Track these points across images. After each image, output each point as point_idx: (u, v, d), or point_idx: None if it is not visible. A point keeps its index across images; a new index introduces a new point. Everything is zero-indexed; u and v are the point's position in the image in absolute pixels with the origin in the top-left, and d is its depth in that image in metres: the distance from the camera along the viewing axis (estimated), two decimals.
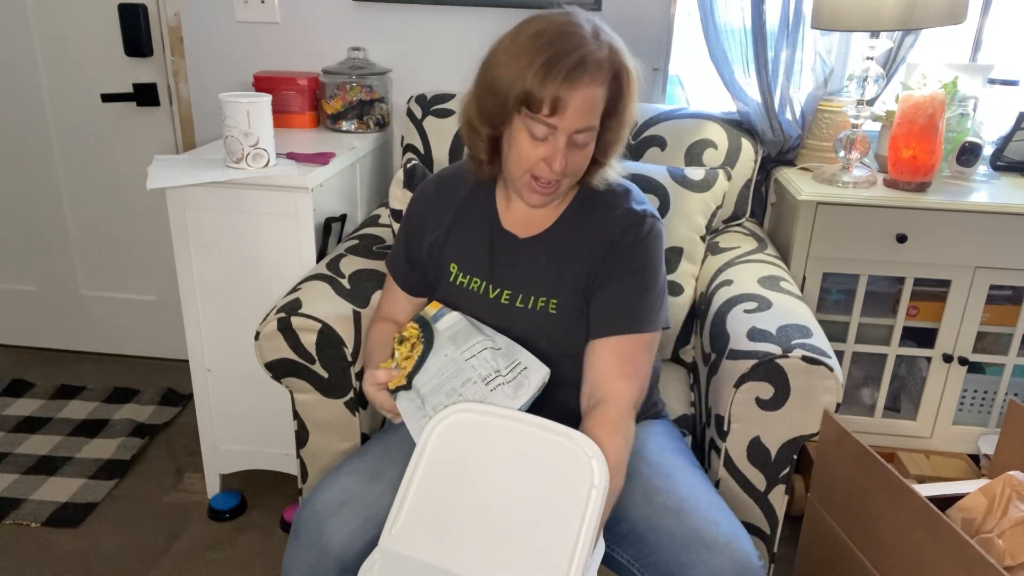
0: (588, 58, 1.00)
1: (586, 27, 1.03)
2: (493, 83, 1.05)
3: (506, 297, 1.18)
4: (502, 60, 1.04)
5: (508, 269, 1.19)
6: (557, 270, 1.17)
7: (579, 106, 1.01)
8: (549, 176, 1.07)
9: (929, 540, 1.10)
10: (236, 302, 1.67)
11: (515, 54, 1.02)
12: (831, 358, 1.28)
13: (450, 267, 1.22)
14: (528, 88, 1.00)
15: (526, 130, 1.05)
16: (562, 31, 1.02)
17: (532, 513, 0.93)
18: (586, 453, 0.95)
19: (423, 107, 1.88)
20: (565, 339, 1.17)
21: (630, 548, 1.08)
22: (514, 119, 1.05)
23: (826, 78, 1.82)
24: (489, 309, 1.18)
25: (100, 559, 1.69)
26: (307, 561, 1.05)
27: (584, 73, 1.00)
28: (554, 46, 1.00)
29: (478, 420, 1.02)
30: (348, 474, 1.12)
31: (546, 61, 0.99)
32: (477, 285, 1.19)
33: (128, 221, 2.37)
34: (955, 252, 1.69)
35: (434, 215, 1.24)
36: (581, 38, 1.01)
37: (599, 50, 1.02)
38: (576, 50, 1.00)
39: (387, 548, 0.92)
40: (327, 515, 1.05)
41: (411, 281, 1.29)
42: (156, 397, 2.29)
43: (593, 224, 1.17)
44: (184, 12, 2.10)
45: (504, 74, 1.03)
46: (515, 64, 1.01)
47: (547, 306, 1.16)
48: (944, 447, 1.86)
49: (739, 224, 1.85)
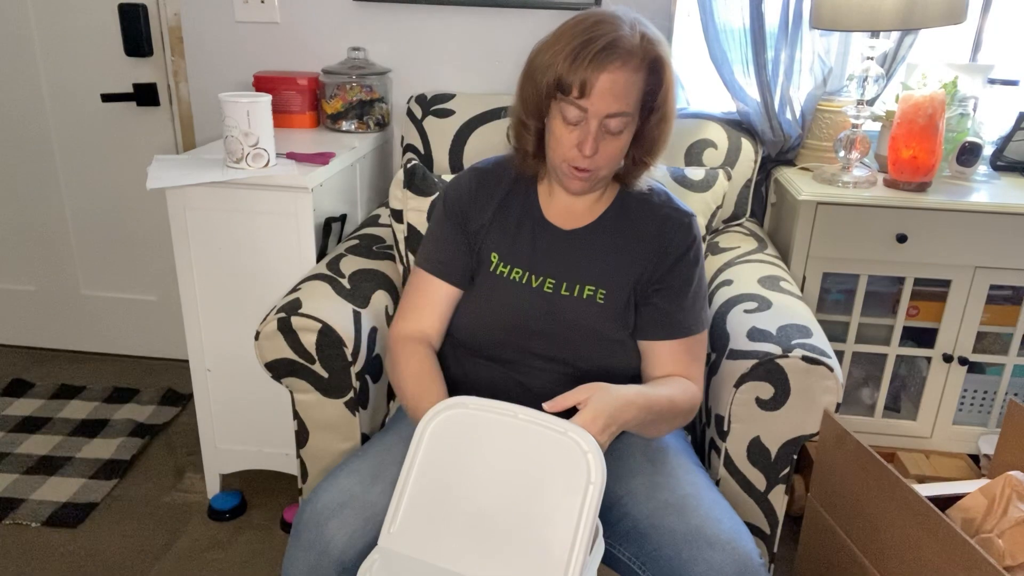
0: (618, 42, 1.02)
1: (624, 18, 1.06)
2: (531, 71, 1.10)
3: (549, 286, 1.18)
4: (540, 49, 1.09)
5: (551, 259, 1.20)
6: (605, 262, 1.19)
7: (608, 89, 1.03)
8: (582, 162, 1.08)
9: (929, 540, 1.10)
10: (236, 302, 1.67)
11: (551, 42, 1.07)
12: (831, 358, 1.28)
13: (491, 256, 1.21)
14: (559, 71, 1.04)
15: (560, 115, 1.07)
16: (598, 20, 1.05)
17: (529, 510, 0.92)
18: (582, 448, 0.94)
19: (423, 107, 1.88)
20: (612, 328, 1.18)
21: (631, 546, 1.08)
22: (552, 106, 1.08)
23: (825, 77, 1.82)
24: (531, 298, 1.19)
25: (100, 559, 1.69)
26: (307, 562, 1.04)
27: (613, 56, 1.02)
28: (587, 32, 1.03)
29: (472, 415, 1.00)
30: (348, 475, 1.11)
31: (576, 46, 1.02)
32: (519, 275, 1.20)
33: (128, 221, 2.37)
34: (955, 252, 1.69)
35: (475, 206, 1.23)
36: (615, 26, 1.04)
37: (631, 36, 1.04)
38: (607, 35, 1.02)
39: (386, 547, 0.91)
40: (327, 516, 1.05)
41: (457, 268, 1.23)
42: (156, 397, 2.28)
43: (639, 223, 1.20)
44: (184, 12, 2.10)
45: (540, 61, 1.07)
46: (550, 50, 1.06)
47: (595, 295, 1.18)
48: (944, 447, 1.86)
49: (739, 224, 1.85)
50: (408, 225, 1.55)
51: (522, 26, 2.01)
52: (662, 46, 1.07)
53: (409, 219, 1.54)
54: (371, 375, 1.44)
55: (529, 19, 2.00)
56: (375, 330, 1.46)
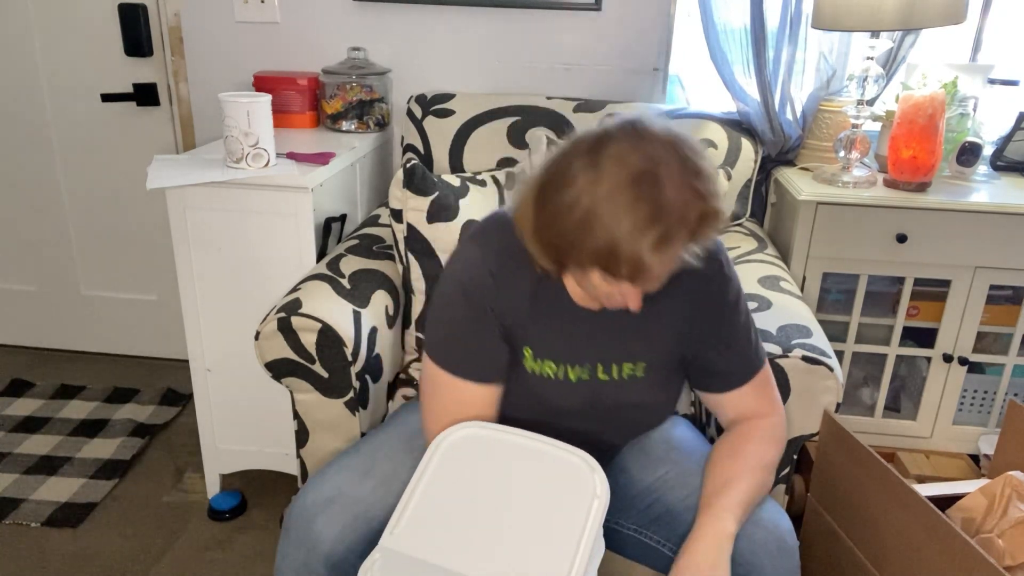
0: (671, 227, 0.86)
1: (667, 170, 0.86)
2: (559, 236, 0.91)
3: (587, 374, 1.10)
4: (573, 216, 0.88)
5: (585, 345, 1.10)
6: (643, 334, 1.10)
7: (659, 267, 0.89)
8: (622, 307, 0.99)
9: (929, 540, 1.10)
10: (236, 302, 1.67)
11: (586, 217, 0.87)
12: (831, 358, 1.28)
13: (524, 351, 1.10)
14: (603, 257, 0.88)
15: (598, 274, 0.93)
16: (642, 193, 0.85)
17: (534, 519, 0.94)
18: (589, 466, 0.98)
19: (423, 107, 1.88)
20: (655, 397, 1.14)
21: (663, 529, 1.11)
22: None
23: (828, 78, 1.82)
24: (568, 392, 1.11)
25: (100, 559, 1.69)
26: (297, 558, 1.05)
27: (667, 244, 0.87)
28: (633, 213, 0.85)
29: (484, 435, 1.04)
30: (339, 471, 1.12)
31: (628, 233, 0.85)
32: (552, 370, 1.10)
33: (128, 221, 2.37)
34: (955, 252, 1.69)
35: (506, 300, 1.07)
36: (662, 197, 0.85)
37: (684, 208, 0.86)
38: (659, 218, 0.85)
39: (388, 547, 0.92)
40: (316, 512, 1.06)
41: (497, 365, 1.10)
42: (156, 397, 2.28)
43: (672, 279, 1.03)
44: (184, 12, 2.10)
45: (577, 235, 0.88)
46: (589, 225, 0.87)
47: (635, 371, 1.11)
48: (944, 447, 1.86)
49: (739, 224, 1.85)
50: (408, 225, 1.55)
51: (522, 26, 2.01)
52: (714, 196, 0.89)
53: (409, 219, 1.54)
54: (371, 375, 1.44)
55: (529, 19, 2.00)
56: (375, 330, 1.46)
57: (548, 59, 2.04)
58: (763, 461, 1.09)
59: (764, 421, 1.13)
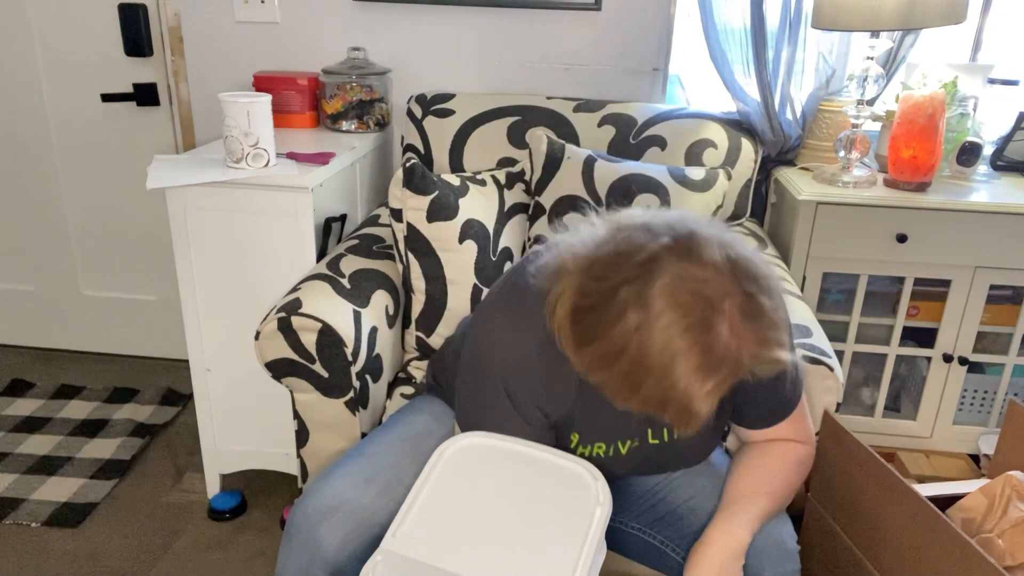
0: (726, 378, 0.80)
1: (729, 312, 0.78)
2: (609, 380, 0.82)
3: (637, 442, 1.09)
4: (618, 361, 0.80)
5: (635, 418, 1.06)
6: None
7: (708, 413, 0.82)
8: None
9: (929, 540, 1.10)
10: (236, 302, 1.67)
11: (637, 365, 0.79)
12: (831, 358, 1.28)
13: (571, 437, 1.09)
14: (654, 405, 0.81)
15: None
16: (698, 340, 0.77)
17: (537, 525, 0.94)
18: (592, 475, 1.00)
19: (423, 107, 1.88)
20: (704, 448, 1.13)
21: (666, 529, 1.11)
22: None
23: (828, 78, 1.82)
24: (619, 464, 1.11)
25: (100, 559, 1.69)
26: (299, 564, 1.04)
27: (719, 391, 0.80)
28: (687, 361, 0.77)
29: (489, 444, 1.05)
30: (342, 476, 1.11)
31: (678, 385, 0.78)
32: (602, 450, 1.09)
33: (128, 221, 2.37)
34: (955, 252, 1.69)
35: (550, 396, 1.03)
36: (719, 343, 0.78)
37: (740, 357, 0.79)
38: (714, 370, 0.78)
39: (389, 549, 0.92)
40: (319, 519, 1.05)
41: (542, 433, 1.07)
42: (156, 397, 2.28)
43: None
44: (184, 12, 2.10)
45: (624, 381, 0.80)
46: (640, 378, 0.79)
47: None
48: (944, 447, 1.86)
49: (739, 224, 1.85)
50: (408, 224, 1.55)
51: (522, 26, 2.01)
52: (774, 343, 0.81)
53: (409, 218, 1.54)
54: (371, 375, 1.44)
55: (529, 19, 2.00)
56: (375, 330, 1.46)
57: (548, 59, 2.04)
58: (788, 487, 1.09)
59: (800, 448, 1.13)
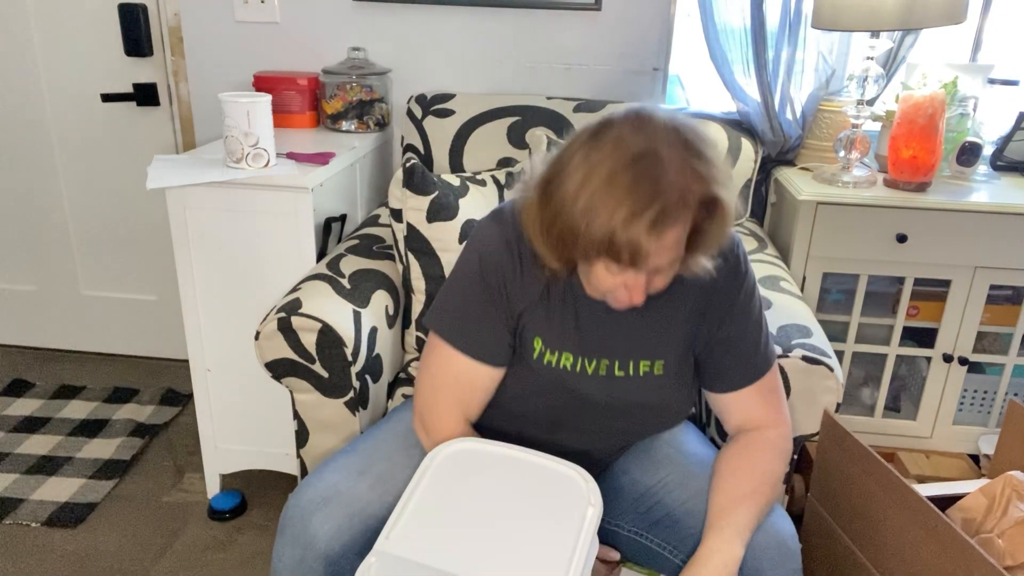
0: (670, 206, 0.86)
1: (667, 152, 0.87)
2: (567, 229, 0.91)
3: (604, 368, 1.10)
4: (575, 207, 0.89)
5: (600, 339, 1.10)
6: (659, 330, 1.10)
7: (660, 251, 0.89)
8: (627, 303, 0.98)
9: (929, 540, 1.10)
10: (236, 302, 1.67)
11: (589, 202, 0.88)
12: (831, 358, 1.28)
13: (534, 342, 1.10)
14: (605, 243, 0.88)
15: (603, 266, 0.94)
16: (640, 171, 0.86)
17: (530, 526, 0.95)
18: (583, 478, 1.00)
19: (423, 107, 1.88)
20: (674, 398, 1.14)
21: (663, 532, 1.11)
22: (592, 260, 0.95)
23: (828, 78, 1.82)
24: (586, 384, 1.10)
25: (100, 559, 1.69)
26: (293, 556, 1.05)
27: (666, 224, 0.86)
28: (632, 194, 0.85)
29: (481, 449, 1.05)
30: (335, 470, 1.12)
31: (626, 218, 0.85)
32: (568, 361, 1.10)
33: (128, 221, 2.37)
34: (955, 252, 1.69)
35: (521, 284, 1.08)
36: (662, 178, 0.85)
37: (683, 188, 0.86)
38: (657, 197, 0.85)
39: (383, 551, 0.92)
40: (312, 510, 1.06)
41: (502, 350, 1.11)
42: (156, 397, 2.28)
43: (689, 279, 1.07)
44: (184, 12, 2.10)
45: (578, 224, 0.89)
46: (589, 215, 0.88)
47: (652, 369, 1.10)
48: (944, 447, 1.86)
49: (739, 224, 1.85)
50: (408, 224, 1.55)
51: (522, 26, 2.01)
52: (715, 182, 0.89)
53: (409, 218, 1.54)
54: (371, 375, 1.44)
55: (529, 19, 2.00)
56: (375, 330, 1.46)
57: (548, 59, 2.04)
58: (771, 479, 1.08)
59: (770, 432, 1.12)
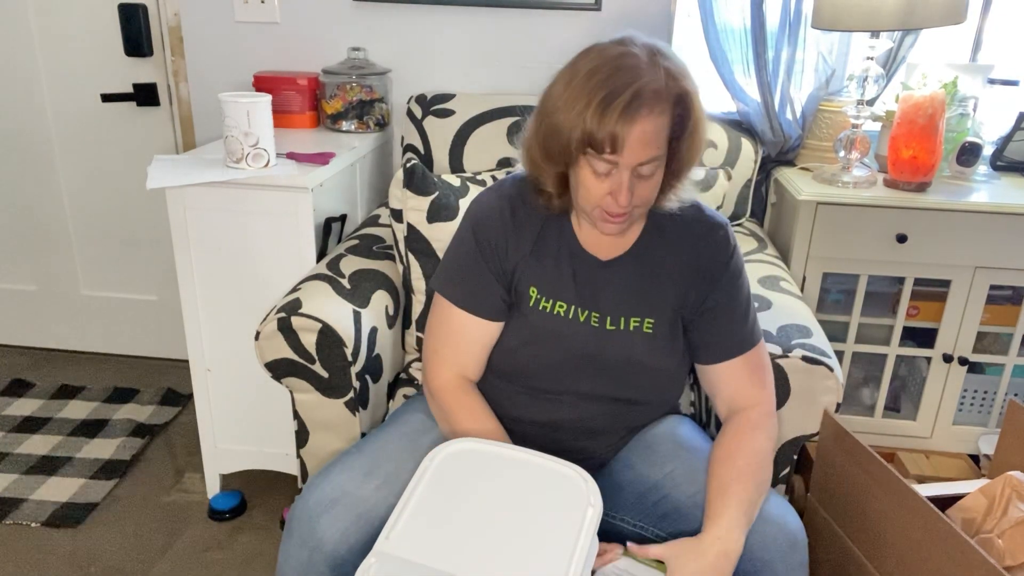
0: (643, 91, 0.97)
1: (641, 54, 0.99)
2: (554, 127, 1.03)
3: (595, 320, 1.15)
4: (559, 104, 1.02)
5: (593, 292, 1.16)
6: (649, 289, 1.15)
7: (638, 140, 0.98)
8: (616, 210, 1.04)
9: (929, 540, 1.10)
10: (236, 302, 1.67)
11: (571, 97, 1.00)
12: (831, 358, 1.28)
13: (530, 291, 1.16)
14: (587, 130, 0.98)
15: (589, 167, 1.03)
16: (615, 65, 0.98)
17: (530, 526, 0.95)
18: (583, 479, 1.01)
19: (423, 107, 1.88)
20: (661, 359, 1.16)
21: (671, 526, 1.11)
22: (579, 158, 1.04)
23: (828, 79, 1.82)
24: (579, 333, 1.15)
25: (100, 559, 1.69)
26: (300, 558, 1.05)
27: (640, 108, 0.97)
28: (608, 83, 0.97)
29: (481, 449, 1.06)
30: (342, 471, 1.12)
31: (600, 101, 0.97)
32: (563, 309, 1.15)
33: (128, 221, 2.37)
34: (955, 252, 1.69)
35: (513, 238, 1.16)
36: (635, 69, 0.98)
37: (655, 79, 0.98)
38: (630, 84, 0.97)
39: (383, 551, 0.92)
40: (320, 512, 1.06)
41: (496, 304, 1.17)
42: (156, 397, 2.28)
43: (675, 242, 1.16)
44: (184, 12, 2.10)
45: (563, 119, 1.01)
46: (572, 108, 1.00)
47: (642, 325, 1.15)
48: (944, 447, 1.86)
49: (739, 224, 1.85)
50: (408, 225, 1.55)
51: (522, 26, 2.01)
52: (687, 78, 1.02)
53: (409, 219, 1.54)
54: (371, 375, 1.44)
55: (529, 19, 2.00)
56: (375, 330, 1.46)
57: (548, 59, 2.04)
58: (759, 457, 1.10)
59: (754, 412, 1.15)
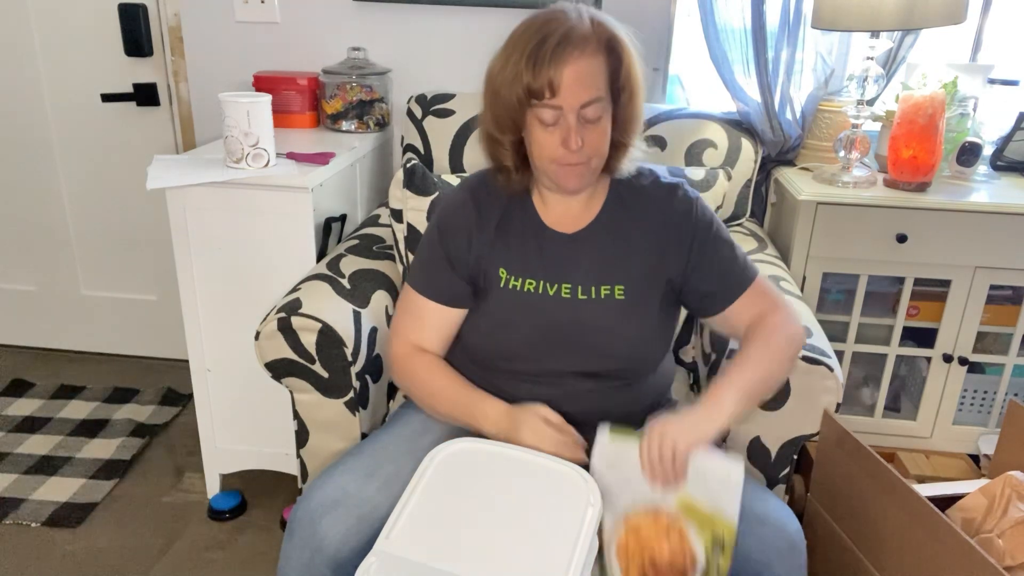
0: (570, 33, 1.03)
1: (571, 11, 1.07)
2: (496, 88, 1.09)
3: (566, 291, 1.17)
4: (498, 69, 1.08)
5: (561, 265, 1.18)
6: (617, 257, 1.18)
7: (574, 80, 1.03)
8: (571, 158, 1.07)
9: (929, 540, 1.10)
10: (236, 302, 1.67)
11: (506, 58, 1.07)
12: (831, 358, 1.28)
13: (499, 272, 1.19)
14: (525, 80, 1.04)
15: (537, 121, 1.07)
16: (545, 19, 1.06)
17: (530, 526, 0.95)
18: (583, 478, 1.01)
19: (423, 107, 1.88)
20: (636, 325, 1.18)
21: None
22: (527, 115, 1.08)
23: (827, 78, 1.82)
24: (552, 306, 1.17)
25: (100, 559, 1.69)
26: (301, 559, 1.05)
27: (568, 47, 1.03)
28: (539, 33, 1.04)
29: (480, 448, 1.06)
30: (343, 472, 1.12)
31: (532, 50, 1.03)
32: (533, 285, 1.18)
33: (128, 221, 2.37)
34: (955, 252, 1.69)
35: (476, 224, 1.20)
36: (563, 19, 1.05)
37: (581, 25, 1.05)
38: (558, 29, 1.04)
39: (383, 551, 0.92)
40: (321, 513, 1.06)
41: (454, 292, 1.22)
42: (156, 397, 2.29)
43: (637, 209, 1.19)
44: (184, 12, 2.10)
45: (503, 80, 1.07)
46: (508, 67, 1.06)
47: (613, 292, 1.17)
48: (944, 447, 1.86)
49: (739, 224, 1.85)
50: (408, 225, 1.55)
51: None
52: (614, 27, 1.08)
53: (409, 219, 1.54)
54: (371, 375, 1.44)
55: None
56: (375, 330, 1.46)
57: None
58: (769, 345, 1.12)
59: (774, 316, 1.16)
